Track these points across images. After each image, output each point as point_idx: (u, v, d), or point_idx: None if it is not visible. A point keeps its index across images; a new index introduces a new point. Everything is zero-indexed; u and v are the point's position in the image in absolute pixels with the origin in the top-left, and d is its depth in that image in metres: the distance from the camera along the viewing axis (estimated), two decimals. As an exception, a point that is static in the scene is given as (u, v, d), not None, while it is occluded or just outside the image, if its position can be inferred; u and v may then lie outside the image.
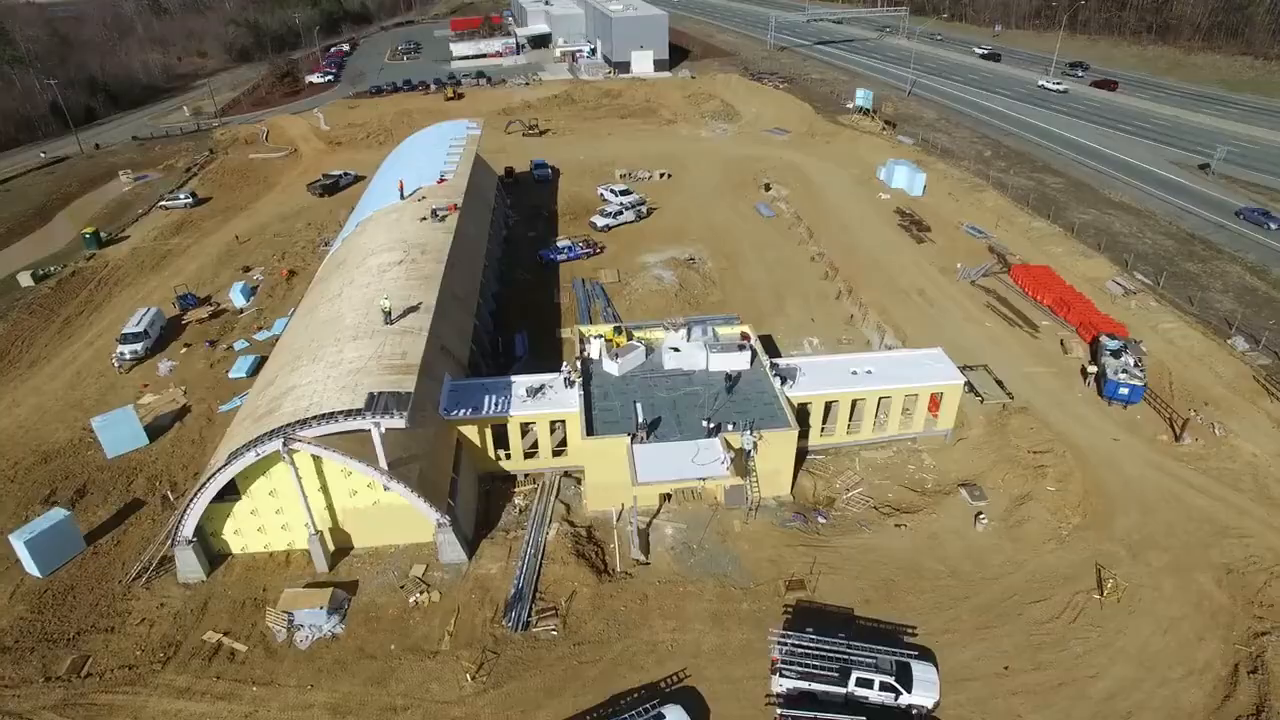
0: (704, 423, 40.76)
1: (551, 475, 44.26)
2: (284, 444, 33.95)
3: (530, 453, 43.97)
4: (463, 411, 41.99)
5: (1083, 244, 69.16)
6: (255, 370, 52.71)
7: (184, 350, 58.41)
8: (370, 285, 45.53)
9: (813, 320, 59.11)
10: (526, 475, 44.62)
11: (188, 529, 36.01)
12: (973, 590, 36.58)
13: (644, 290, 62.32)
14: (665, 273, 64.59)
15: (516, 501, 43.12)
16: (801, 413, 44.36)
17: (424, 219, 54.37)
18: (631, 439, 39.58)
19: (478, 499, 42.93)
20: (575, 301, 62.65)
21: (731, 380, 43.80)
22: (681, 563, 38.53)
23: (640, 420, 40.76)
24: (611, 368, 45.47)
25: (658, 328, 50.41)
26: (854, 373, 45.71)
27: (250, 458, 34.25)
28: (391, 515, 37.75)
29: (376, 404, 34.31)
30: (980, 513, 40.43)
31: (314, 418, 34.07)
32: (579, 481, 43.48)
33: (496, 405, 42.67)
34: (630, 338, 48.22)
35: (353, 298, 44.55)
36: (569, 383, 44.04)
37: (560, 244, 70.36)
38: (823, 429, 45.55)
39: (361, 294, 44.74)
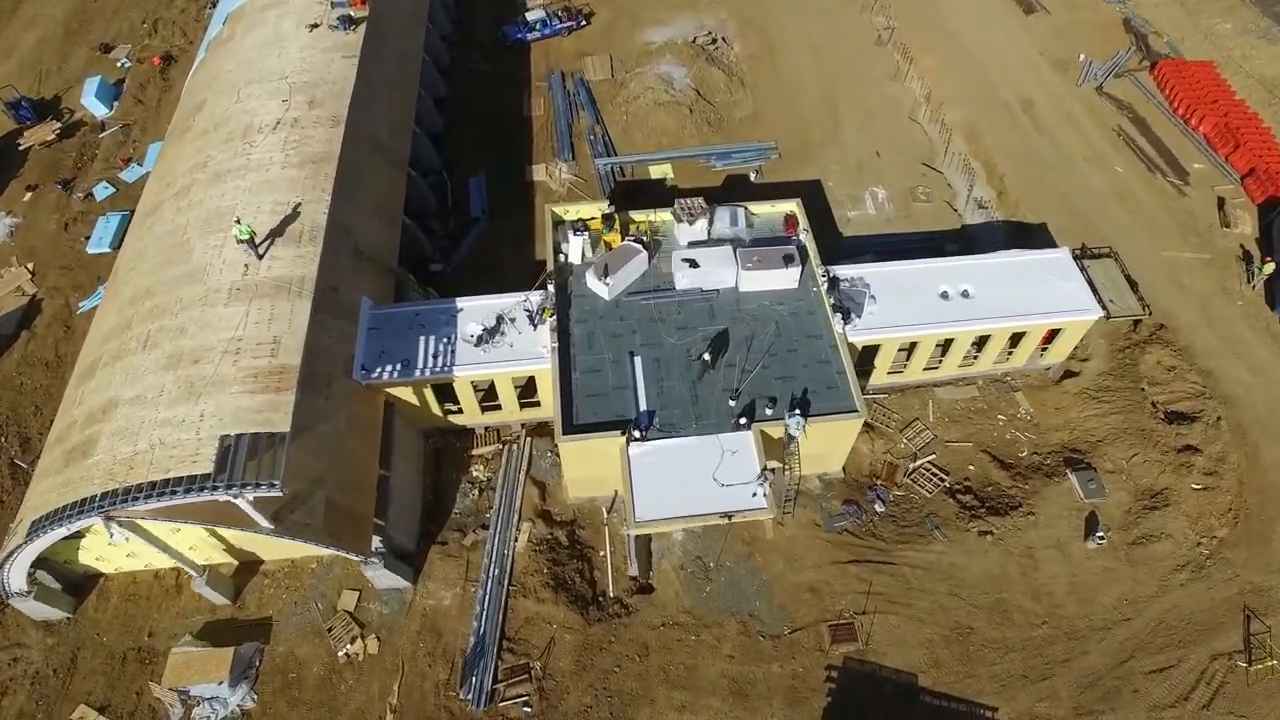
0: (730, 403, 28.79)
1: (519, 430, 33.44)
2: (105, 521, 22.67)
3: (490, 406, 32.55)
4: (388, 369, 29.71)
5: (1267, 16, 49.33)
6: (122, 240, 38.65)
7: (28, 197, 43.42)
8: (229, 175, 29.98)
9: (878, 155, 43.06)
10: (488, 429, 33.72)
11: (14, 582, 26.12)
12: (1075, 647, 27.79)
13: (647, 101, 44.96)
14: (675, 70, 46.35)
15: (475, 473, 32.75)
16: (866, 352, 32.06)
17: (315, 26, 35.85)
18: (627, 438, 27.90)
19: (423, 472, 32.54)
20: (551, 111, 45.76)
21: (711, 358, 29.26)
22: (694, 591, 29.31)
23: (642, 407, 28.73)
24: (599, 288, 31.90)
25: (663, 164, 35.36)
26: (944, 295, 32.25)
27: (60, 531, 23.16)
28: (303, 536, 27.64)
29: (234, 463, 22.29)
30: (1096, 517, 30.24)
31: (137, 489, 22.21)
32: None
33: (436, 356, 30.27)
34: (625, 231, 33.71)
35: (204, 203, 29.36)
36: (536, 320, 31.00)
37: (531, 14, 50.30)
38: (891, 369, 33.52)
39: (216, 196, 29.46)
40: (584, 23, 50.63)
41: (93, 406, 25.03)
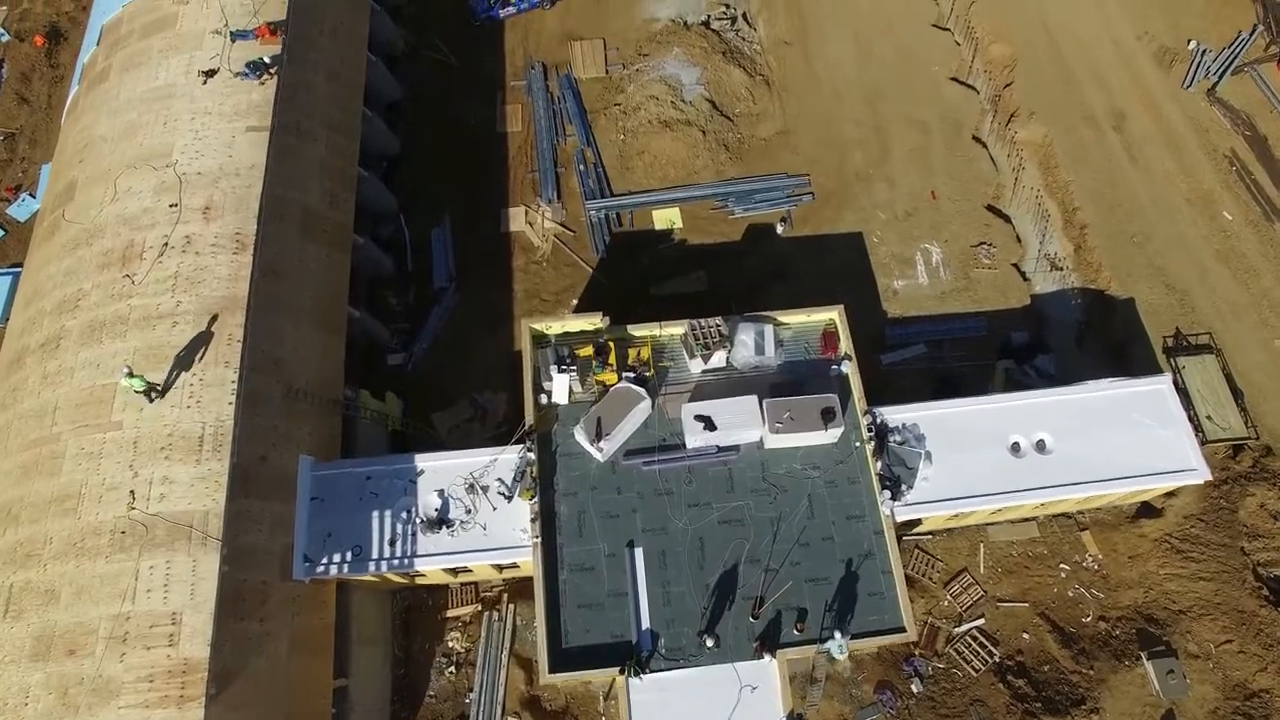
0: (750, 618, 23.68)
1: (500, 586, 28.67)
2: None
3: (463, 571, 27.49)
4: (335, 560, 24.41)
5: None
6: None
7: (-100, 242, 36.02)
8: (105, 330, 22.88)
9: (933, 196, 35.13)
10: (464, 585, 28.88)
11: None
12: None
13: (649, 115, 36.19)
14: (685, 71, 37.11)
15: (451, 643, 28.22)
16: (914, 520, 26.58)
17: (212, 74, 26.96)
18: (626, 673, 22.99)
19: (392, 640, 28.02)
20: (530, 128, 37.12)
21: (715, 640, 23.28)
22: (703, 810, 25.55)
23: (644, 624, 23.58)
24: (591, 449, 25.78)
25: (670, 209, 28.88)
26: (1015, 449, 26.18)
27: None
28: None
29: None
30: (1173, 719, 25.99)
31: None
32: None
33: (394, 541, 24.88)
34: (624, 360, 27.00)
35: (75, 375, 22.40)
36: (513, 495, 25.23)
37: (503, -20, 40.11)
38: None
39: (90, 365, 22.55)
40: (570, -10, 40.52)
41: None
